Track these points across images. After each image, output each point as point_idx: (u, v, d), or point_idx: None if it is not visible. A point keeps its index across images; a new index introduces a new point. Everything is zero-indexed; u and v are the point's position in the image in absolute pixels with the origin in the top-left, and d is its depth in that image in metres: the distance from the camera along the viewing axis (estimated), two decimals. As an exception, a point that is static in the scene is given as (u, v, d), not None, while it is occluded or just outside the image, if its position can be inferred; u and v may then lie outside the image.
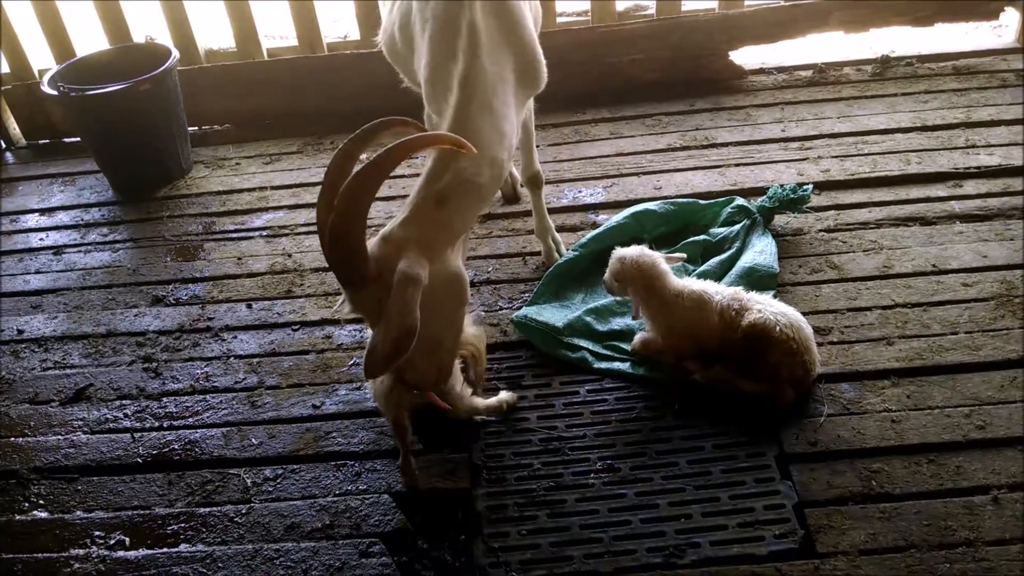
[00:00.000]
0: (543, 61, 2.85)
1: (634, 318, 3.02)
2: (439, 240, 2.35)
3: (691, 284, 3.01)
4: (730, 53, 4.99)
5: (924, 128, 4.34)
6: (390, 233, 2.31)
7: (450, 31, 2.56)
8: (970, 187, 3.85)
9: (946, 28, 5.13)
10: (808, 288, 3.36)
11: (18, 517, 2.80)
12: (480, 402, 2.86)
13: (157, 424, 3.10)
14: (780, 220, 3.71)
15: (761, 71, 5.09)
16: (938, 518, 2.46)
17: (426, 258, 2.25)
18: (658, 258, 2.98)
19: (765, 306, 2.86)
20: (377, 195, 2.20)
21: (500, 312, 3.44)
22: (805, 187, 3.63)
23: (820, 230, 3.68)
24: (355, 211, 2.12)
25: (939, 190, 3.86)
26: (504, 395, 2.98)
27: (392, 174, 2.29)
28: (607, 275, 3.03)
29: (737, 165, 4.22)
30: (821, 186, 3.93)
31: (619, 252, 3.00)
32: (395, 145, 2.14)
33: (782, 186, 3.66)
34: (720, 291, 2.98)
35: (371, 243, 2.28)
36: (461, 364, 2.77)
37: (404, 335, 2.12)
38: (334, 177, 2.24)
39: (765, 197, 3.67)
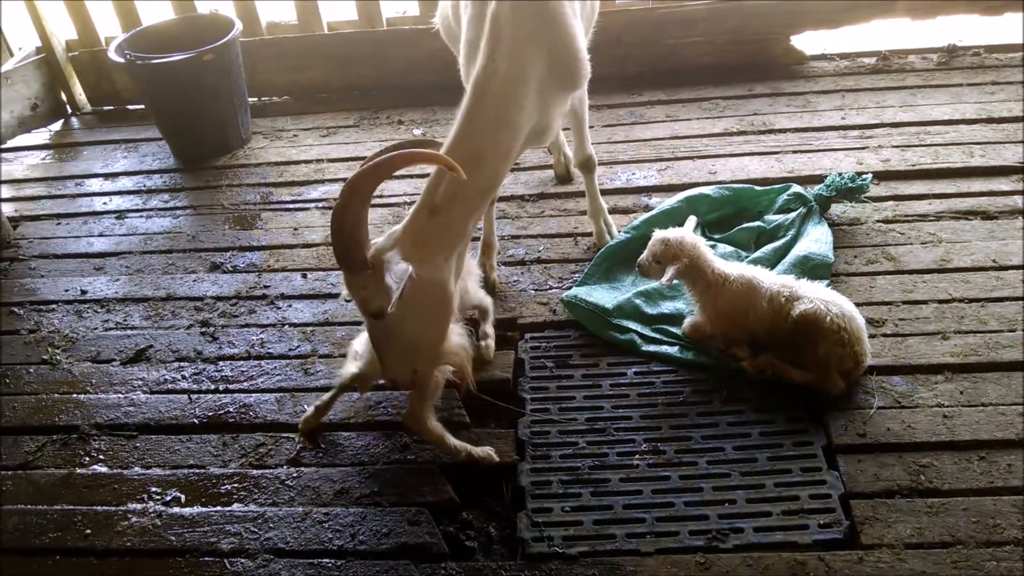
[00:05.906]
0: (584, 60, 2.80)
1: (667, 281, 2.94)
2: (430, 246, 2.51)
3: (740, 268, 3.00)
4: (792, 38, 4.91)
5: (990, 120, 4.24)
6: (392, 232, 2.49)
7: (480, 20, 2.63)
8: (1035, 182, 3.77)
9: (1016, 18, 4.98)
10: (863, 279, 3.32)
11: (79, 470, 2.91)
12: (452, 442, 2.73)
13: (213, 387, 3.19)
14: (837, 209, 3.66)
15: (823, 57, 5.01)
16: (986, 515, 2.43)
17: (415, 260, 2.44)
18: (699, 239, 3.00)
19: (816, 295, 2.83)
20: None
21: (550, 291, 3.46)
22: (864, 176, 3.58)
23: (878, 221, 3.63)
24: (353, 201, 2.30)
25: (1003, 184, 3.77)
26: (481, 452, 2.77)
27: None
28: (645, 255, 3.04)
29: (795, 152, 4.17)
30: (880, 176, 3.86)
31: (660, 234, 3.01)
32: (395, 155, 2.35)
33: (840, 174, 3.61)
34: (770, 278, 2.96)
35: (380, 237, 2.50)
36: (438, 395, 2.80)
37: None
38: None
39: (823, 185, 3.62)
